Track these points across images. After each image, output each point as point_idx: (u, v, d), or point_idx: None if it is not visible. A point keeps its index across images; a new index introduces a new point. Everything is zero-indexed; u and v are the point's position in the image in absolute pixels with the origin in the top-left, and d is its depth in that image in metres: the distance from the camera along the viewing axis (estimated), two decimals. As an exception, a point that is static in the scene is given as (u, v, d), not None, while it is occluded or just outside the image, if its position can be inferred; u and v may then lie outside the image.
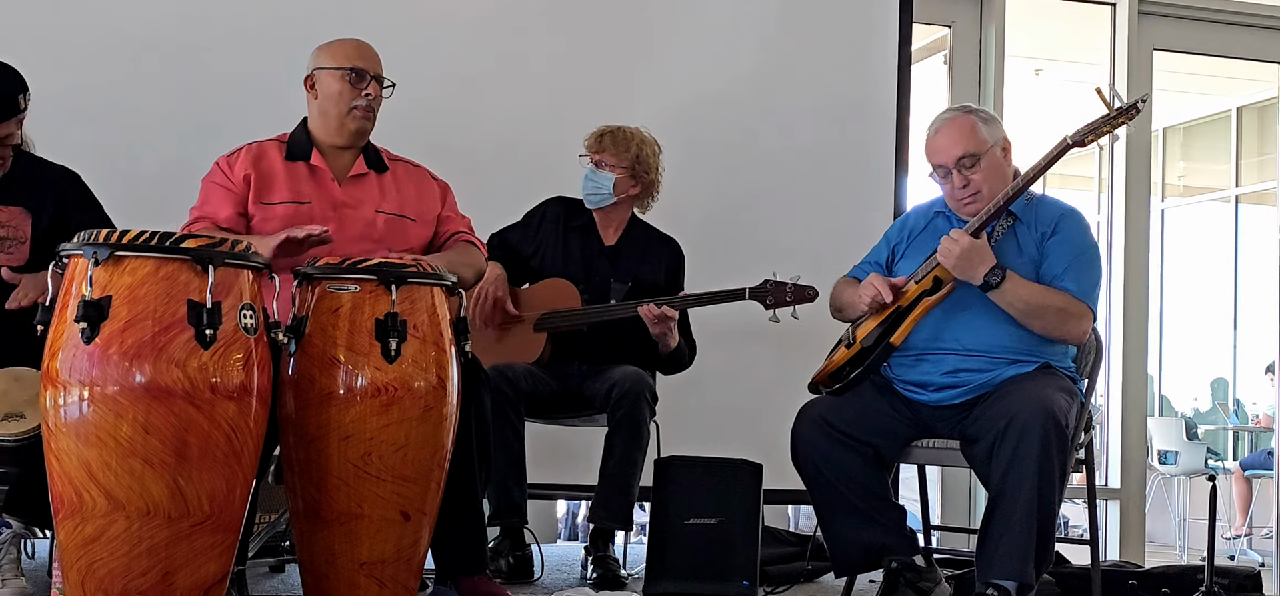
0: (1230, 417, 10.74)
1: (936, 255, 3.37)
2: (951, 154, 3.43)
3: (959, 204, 3.46)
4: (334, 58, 3.44)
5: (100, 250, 2.51)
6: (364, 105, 3.43)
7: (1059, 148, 3.34)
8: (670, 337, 3.98)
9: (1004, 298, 3.31)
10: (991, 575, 3.17)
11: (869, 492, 3.38)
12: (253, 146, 3.45)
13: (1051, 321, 3.35)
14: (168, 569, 2.51)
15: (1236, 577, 3.85)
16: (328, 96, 3.43)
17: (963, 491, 5.90)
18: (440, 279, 2.96)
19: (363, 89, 3.43)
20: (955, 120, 3.48)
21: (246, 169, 3.39)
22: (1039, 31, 7.76)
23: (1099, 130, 3.33)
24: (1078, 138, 3.34)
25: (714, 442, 3.92)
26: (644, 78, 4.89)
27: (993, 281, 3.30)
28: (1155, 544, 8.55)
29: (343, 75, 3.42)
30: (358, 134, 3.46)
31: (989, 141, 3.43)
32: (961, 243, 3.32)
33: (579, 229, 4.15)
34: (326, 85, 3.44)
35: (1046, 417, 3.14)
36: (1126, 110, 3.30)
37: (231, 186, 3.38)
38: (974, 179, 3.41)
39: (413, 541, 2.91)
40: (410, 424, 2.83)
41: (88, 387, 2.47)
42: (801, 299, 3.95)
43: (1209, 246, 10.87)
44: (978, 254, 3.32)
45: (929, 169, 3.52)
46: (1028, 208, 3.46)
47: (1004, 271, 3.31)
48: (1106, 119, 3.33)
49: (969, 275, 3.32)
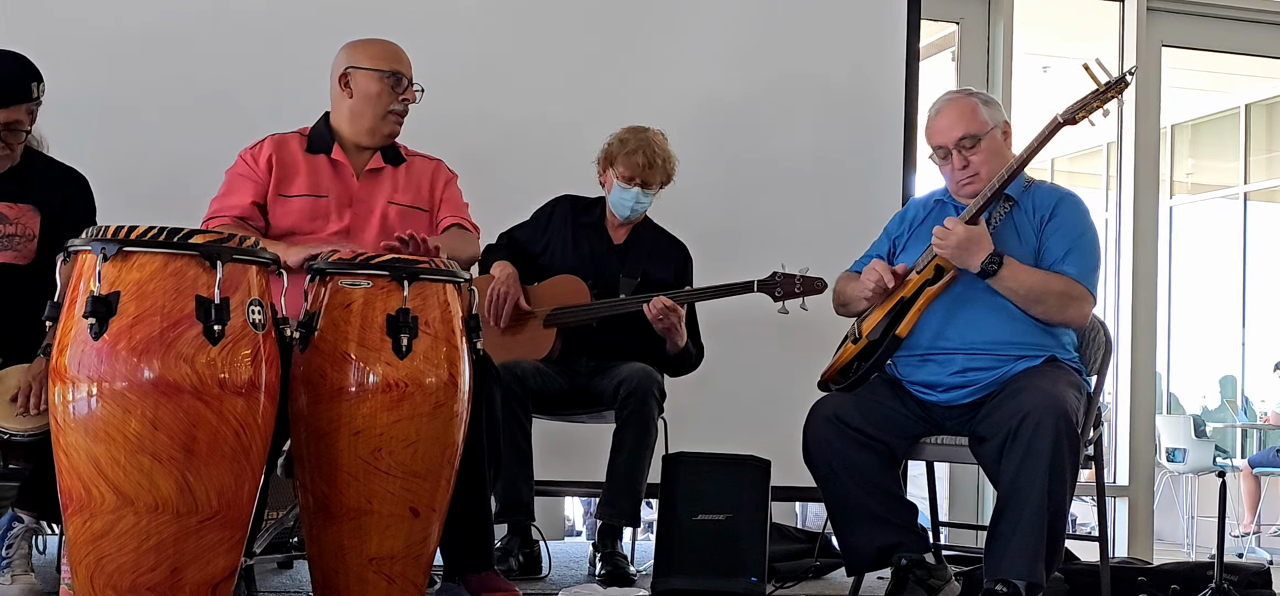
0: (1239, 415, 10.72)
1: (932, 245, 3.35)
2: (951, 135, 3.42)
3: (958, 186, 3.45)
4: (372, 59, 3.45)
5: (108, 246, 2.50)
6: (400, 110, 3.47)
7: (1050, 126, 3.33)
8: (677, 335, 3.98)
9: (1003, 284, 3.30)
10: (1001, 573, 3.16)
11: (882, 491, 3.38)
12: (276, 136, 3.48)
13: (1052, 306, 3.33)
14: (176, 564, 2.51)
15: (1246, 574, 3.84)
16: (364, 97, 3.44)
17: (971, 488, 5.89)
18: (453, 276, 2.96)
19: (401, 93, 3.46)
20: (956, 101, 3.48)
21: (267, 160, 3.41)
22: (1047, 28, 7.74)
23: (1089, 106, 3.32)
24: (1068, 115, 3.33)
25: (722, 439, 3.91)
26: (652, 75, 4.89)
27: (990, 268, 3.28)
28: (1163, 542, 8.54)
29: (382, 78, 3.44)
30: (389, 137, 3.50)
31: (989, 123, 3.43)
32: (956, 231, 3.30)
33: (588, 227, 4.16)
34: (363, 86, 3.44)
35: (1058, 416, 3.12)
36: (1115, 84, 3.30)
37: (255, 175, 3.40)
38: (973, 160, 3.40)
39: (422, 537, 2.90)
40: (421, 420, 2.83)
41: (96, 383, 2.47)
42: (810, 290, 3.95)
43: (1217, 244, 10.85)
44: (974, 241, 3.29)
45: (929, 151, 3.51)
46: (1026, 194, 3.44)
47: (1001, 258, 3.28)
48: (1095, 94, 3.32)
49: (966, 262, 3.30)
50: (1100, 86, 3.31)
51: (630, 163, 4.03)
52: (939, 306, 3.38)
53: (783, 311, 3.97)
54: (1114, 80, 3.29)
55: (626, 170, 4.04)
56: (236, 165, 3.44)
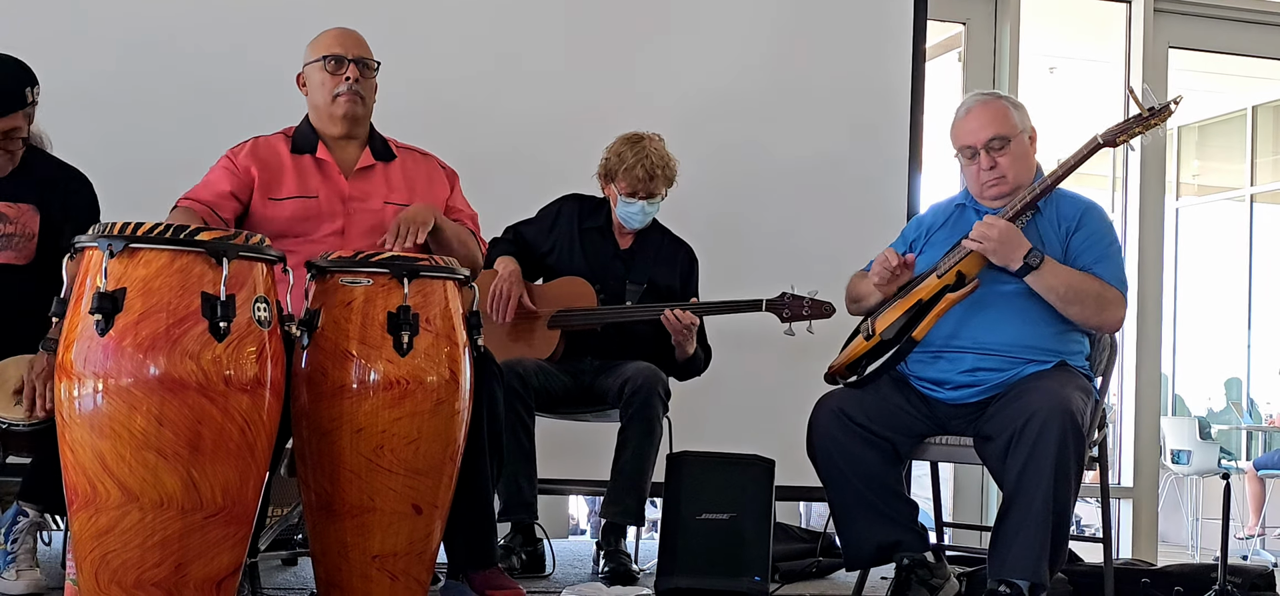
0: (1244, 417, 10.70)
1: (969, 240, 3.32)
2: (981, 135, 3.42)
3: (983, 187, 3.44)
4: (314, 49, 3.45)
5: (115, 242, 2.51)
6: (346, 91, 3.40)
7: (1089, 146, 3.32)
8: (688, 344, 3.98)
9: (1043, 280, 3.28)
10: (1005, 573, 3.16)
11: (884, 487, 3.38)
12: (259, 140, 3.45)
13: (1090, 306, 3.32)
14: (181, 560, 2.52)
15: (1250, 576, 3.84)
16: (314, 88, 3.44)
17: (975, 488, 5.89)
18: (453, 273, 2.96)
19: (342, 74, 3.41)
20: (987, 103, 3.49)
21: (249, 161, 3.39)
22: (1054, 29, 7.73)
23: (1131, 130, 3.31)
24: (1109, 138, 3.32)
25: (726, 438, 3.92)
26: (657, 78, 4.89)
27: (1033, 263, 3.26)
28: (1167, 543, 8.53)
29: (322, 65, 3.42)
30: (348, 120, 3.43)
31: (1018, 127, 3.44)
32: (1000, 226, 3.28)
33: (595, 230, 4.15)
34: (311, 78, 3.45)
35: (1064, 416, 3.12)
36: (1159, 111, 3.28)
37: (234, 170, 3.38)
38: (1001, 162, 3.41)
39: (425, 534, 2.91)
40: (422, 417, 2.83)
41: (102, 379, 2.48)
42: (818, 314, 3.94)
43: (1223, 245, 10.83)
44: (1016, 237, 3.28)
45: (954, 151, 3.50)
46: (1048, 201, 3.44)
47: (1042, 254, 3.28)
48: (1139, 119, 3.31)
49: (1006, 259, 3.28)
50: (1144, 112, 3.30)
51: (630, 178, 4.02)
52: (956, 306, 3.38)
53: (789, 333, 3.96)
54: (1159, 107, 3.28)
55: (628, 185, 4.03)
56: (221, 160, 3.42)
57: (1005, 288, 3.36)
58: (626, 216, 4.08)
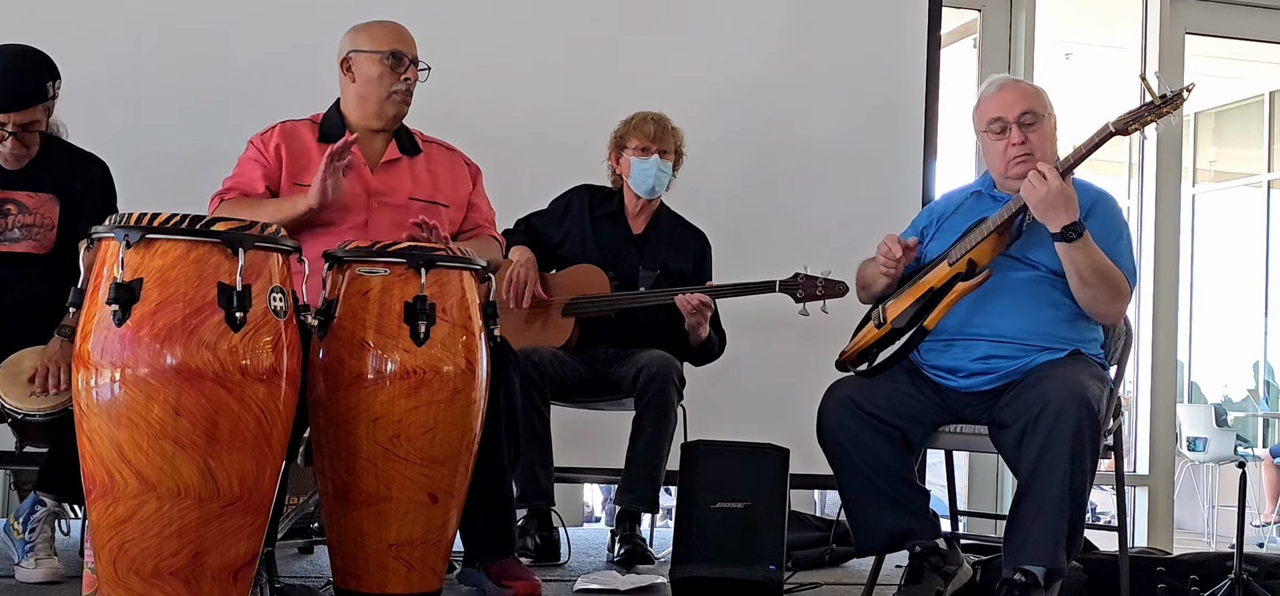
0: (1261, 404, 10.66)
1: (1020, 193, 3.25)
2: (1015, 109, 3.41)
3: (1008, 162, 3.42)
4: (372, 41, 3.44)
5: (131, 233, 2.52)
6: (403, 90, 3.43)
7: (1101, 134, 3.29)
8: (702, 327, 3.98)
9: (1073, 252, 3.23)
10: (1021, 560, 3.15)
11: (895, 476, 3.37)
12: (285, 124, 3.47)
13: (1108, 293, 3.29)
14: (198, 549, 2.53)
15: (1266, 565, 3.82)
16: (366, 80, 3.43)
17: (990, 477, 5.88)
18: (470, 263, 2.97)
19: (402, 73, 3.42)
20: (1017, 82, 3.53)
21: (278, 141, 3.40)
22: (1070, 15, 7.71)
23: (1143, 119, 3.28)
24: (1120, 126, 3.29)
25: (741, 427, 3.91)
26: (671, 64, 4.88)
27: (1072, 234, 3.21)
28: (1183, 531, 8.51)
29: (382, 59, 3.41)
30: (396, 118, 3.47)
31: (1048, 108, 3.45)
32: (1052, 182, 3.20)
33: (607, 217, 4.16)
34: (365, 69, 3.43)
35: (1080, 404, 3.11)
36: (1171, 99, 3.25)
37: (264, 160, 3.39)
38: (1031, 138, 3.40)
39: (441, 523, 2.92)
40: (438, 407, 2.84)
41: (119, 369, 2.49)
42: (832, 293, 3.95)
43: (1240, 232, 10.78)
44: (1065, 199, 3.21)
45: (980, 127, 3.47)
46: None
47: (1084, 227, 3.24)
48: (1151, 107, 3.28)
49: (1049, 218, 3.21)
50: (1156, 100, 3.27)
51: (642, 132, 4.05)
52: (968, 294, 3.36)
53: (803, 313, 3.97)
54: (1171, 95, 3.25)
55: (640, 141, 4.05)
56: (247, 150, 3.44)
57: (1018, 275, 3.34)
58: (640, 180, 4.08)
